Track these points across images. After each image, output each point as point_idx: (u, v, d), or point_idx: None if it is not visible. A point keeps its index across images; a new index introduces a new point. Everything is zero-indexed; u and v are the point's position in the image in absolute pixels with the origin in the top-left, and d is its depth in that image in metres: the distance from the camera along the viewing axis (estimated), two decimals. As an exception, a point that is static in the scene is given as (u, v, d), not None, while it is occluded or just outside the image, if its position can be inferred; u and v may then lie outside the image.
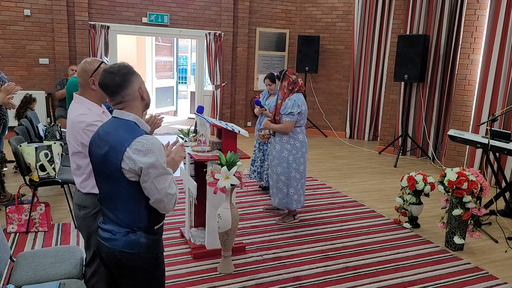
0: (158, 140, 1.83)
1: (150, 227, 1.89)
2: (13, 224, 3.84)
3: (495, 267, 3.61)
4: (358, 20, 8.83)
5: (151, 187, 1.78)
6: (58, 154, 4.10)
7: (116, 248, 1.83)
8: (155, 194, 1.79)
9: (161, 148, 1.81)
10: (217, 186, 3.10)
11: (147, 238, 1.87)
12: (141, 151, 1.76)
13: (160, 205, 1.83)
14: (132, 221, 1.85)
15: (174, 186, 1.85)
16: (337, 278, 3.31)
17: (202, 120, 3.72)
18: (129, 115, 1.86)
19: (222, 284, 3.16)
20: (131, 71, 1.87)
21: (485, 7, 6.03)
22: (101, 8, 7.91)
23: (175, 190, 1.85)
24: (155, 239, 1.92)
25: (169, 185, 1.82)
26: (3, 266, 2.36)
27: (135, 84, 1.87)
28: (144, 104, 1.94)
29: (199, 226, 3.90)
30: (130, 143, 1.76)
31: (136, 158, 1.75)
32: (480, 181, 3.78)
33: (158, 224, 1.93)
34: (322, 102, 9.47)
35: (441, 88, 7.26)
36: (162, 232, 2.01)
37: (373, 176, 6.32)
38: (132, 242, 1.84)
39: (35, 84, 7.63)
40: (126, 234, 1.84)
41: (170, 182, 1.83)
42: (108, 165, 1.81)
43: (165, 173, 1.81)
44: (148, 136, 1.82)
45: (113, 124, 1.87)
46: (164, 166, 1.80)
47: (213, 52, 8.80)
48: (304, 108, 4.18)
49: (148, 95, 1.96)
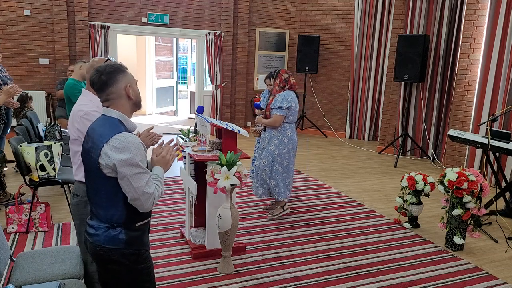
0: (137, 139, 1.86)
1: (130, 223, 1.91)
2: (13, 224, 3.84)
3: (495, 267, 3.61)
4: (358, 20, 8.83)
5: (127, 185, 1.81)
6: (58, 154, 4.10)
7: (98, 243, 1.89)
8: (131, 192, 1.82)
9: (138, 147, 1.84)
10: (217, 186, 3.10)
11: (127, 234, 1.90)
12: (117, 148, 1.79)
13: (137, 203, 1.85)
14: (111, 217, 1.89)
15: (152, 185, 1.87)
16: (337, 278, 3.31)
17: (202, 120, 3.72)
18: (114, 112, 1.90)
19: (222, 284, 3.16)
20: (118, 69, 1.91)
21: (485, 7, 6.03)
22: (101, 8, 7.91)
23: (153, 190, 1.86)
24: (136, 236, 1.94)
25: (146, 184, 1.83)
26: (3, 266, 2.36)
27: (121, 83, 1.90)
28: (132, 103, 1.96)
29: (199, 226, 3.90)
30: (108, 140, 1.81)
31: (111, 155, 1.79)
32: (480, 181, 3.78)
33: (140, 221, 1.95)
34: (322, 102, 9.47)
35: (441, 88, 7.26)
36: (145, 229, 2.02)
37: (373, 176, 6.32)
38: (111, 237, 1.88)
39: (35, 84, 7.63)
40: (107, 230, 1.89)
41: (147, 181, 1.84)
42: (90, 160, 1.88)
43: (141, 171, 1.82)
44: (127, 134, 1.85)
45: (99, 121, 1.93)
46: (141, 165, 1.82)
47: (213, 52, 8.80)
48: (294, 105, 4.29)
49: (137, 95, 1.98)
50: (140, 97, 2.02)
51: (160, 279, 3.17)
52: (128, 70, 1.98)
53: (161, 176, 2.01)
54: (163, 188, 1.99)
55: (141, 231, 1.98)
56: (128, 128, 1.92)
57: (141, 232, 1.98)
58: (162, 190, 1.98)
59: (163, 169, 2.04)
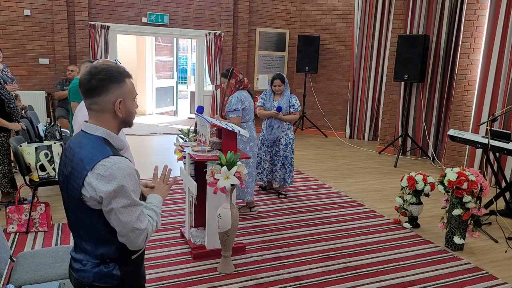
0: (128, 163, 1.55)
1: (125, 257, 1.65)
2: (13, 224, 3.84)
3: (495, 267, 3.61)
4: (358, 20, 8.83)
5: (115, 219, 1.52)
6: (58, 154, 4.10)
7: (86, 280, 1.62)
8: (119, 227, 1.53)
9: (129, 173, 1.53)
10: (217, 186, 3.10)
11: (122, 270, 1.64)
12: (104, 176, 1.48)
13: (125, 241, 1.57)
14: (102, 251, 1.60)
15: (144, 220, 1.57)
16: (337, 278, 3.31)
17: (202, 120, 3.72)
18: (97, 129, 1.58)
19: (222, 284, 3.16)
20: (113, 78, 1.57)
21: (485, 7, 6.03)
22: (101, 8, 7.91)
23: (145, 225, 1.57)
24: (133, 271, 1.69)
25: (137, 219, 1.54)
26: (3, 266, 2.36)
27: (111, 96, 1.57)
28: (120, 122, 1.63)
29: (199, 226, 3.90)
30: (93, 166, 1.49)
31: (97, 186, 1.48)
32: (480, 181, 3.78)
33: (135, 253, 1.68)
34: (322, 102, 9.47)
35: (441, 88, 7.25)
36: (142, 261, 1.77)
37: (373, 176, 6.32)
38: (103, 274, 1.61)
39: (35, 84, 7.63)
40: (97, 266, 1.61)
41: (139, 215, 1.55)
42: (70, 189, 1.56)
43: (132, 204, 1.53)
44: (116, 158, 1.52)
45: (79, 139, 1.60)
46: (132, 196, 1.52)
47: (213, 52, 8.80)
48: (248, 104, 4.38)
49: (129, 113, 1.63)
50: (133, 116, 1.66)
51: (160, 279, 3.17)
52: (128, 80, 1.62)
53: (157, 204, 1.72)
54: (159, 220, 1.68)
55: (138, 265, 1.74)
56: (116, 147, 1.61)
57: (139, 266, 1.75)
58: (158, 223, 1.68)
59: (160, 197, 1.77)
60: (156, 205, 1.72)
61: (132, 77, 1.68)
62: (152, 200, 1.73)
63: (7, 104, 4.27)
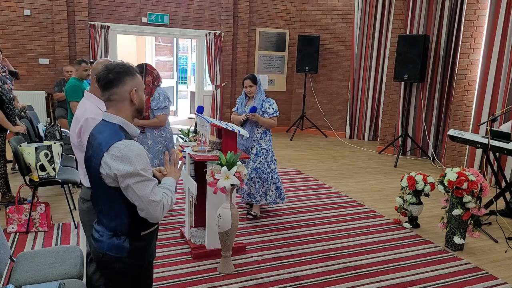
0: (138, 146, 1.78)
1: (135, 232, 1.85)
2: (13, 224, 3.84)
3: (495, 267, 3.61)
4: (358, 20, 8.83)
5: (133, 195, 1.74)
6: (58, 154, 4.10)
7: (101, 250, 1.84)
8: (137, 201, 1.75)
9: (140, 154, 1.75)
10: (217, 186, 3.10)
11: (131, 243, 1.84)
12: (117, 157, 1.71)
13: (145, 214, 1.77)
14: (115, 225, 1.83)
15: (158, 193, 1.79)
16: (337, 278, 3.31)
17: (202, 120, 3.72)
18: (114, 117, 1.82)
19: (222, 284, 3.16)
20: (127, 71, 1.83)
21: (485, 7, 6.03)
22: (101, 8, 7.91)
23: (159, 197, 1.78)
24: (142, 246, 1.89)
25: (152, 192, 1.75)
26: (3, 266, 2.36)
27: (127, 86, 1.82)
28: (135, 109, 1.88)
29: (199, 226, 3.90)
30: (108, 148, 1.73)
31: (112, 164, 1.71)
32: (480, 181, 3.78)
33: (145, 230, 1.89)
34: (322, 102, 9.47)
35: (441, 88, 7.25)
36: (151, 238, 1.96)
37: (373, 176, 6.32)
38: (115, 245, 1.82)
39: (35, 84, 7.63)
40: (111, 237, 1.83)
41: (152, 188, 1.76)
42: (91, 168, 1.83)
43: (145, 179, 1.74)
44: (127, 141, 1.76)
45: (100, 127, 1.86)
46: (142, 173, 1.73)
47: (213, 52, 8.80)
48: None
49: (141, 101, 1.90)
50: (144, 105, 1.94)
51: (160, 279, 3.17)
52: (138, 74, 1.89)
53: (171, 184, 1.92)
54: (173, 196, 1.89)
55: (147, 241, 1.92)
56: (130, 133, 1.85)
57: (147, 242, 1.92)
58: (173, 199, 1.88)
59: (173, 179, 1.96)
60: (170, 185, 1.91)
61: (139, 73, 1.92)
62: (166, 181, 1.92)
63: (7, 105, 4.27)
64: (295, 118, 9.50)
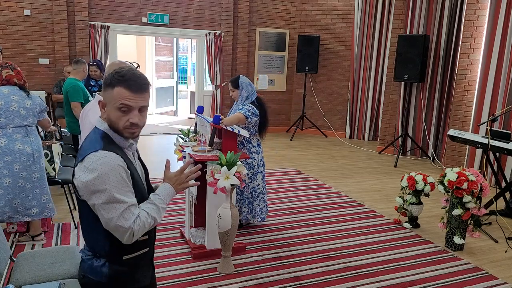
0: (114, 160, 1.54)
1: (115, 256, 1.64)
2: (13, 224, 3.84)
3: (495, 267, 3.61)
4: (358, 20, 8.83)
5: (100, 215, 1.54)
6: (58, 154, 4.10)
7: (81, 270, 1.69)
8: (104, 223, 1.55)
9: (113, 169, 1.52)
10: (217, 186, 3.10)
11: (111, 268, 1.63)
12: (87, 168, 1.51)
13: (115, 235, 1.57)
14: (93, 245, 1.65)
15: (130, 217, 1.53)
16: (337, 278, 3.31)
17: (202, 120, 3.73)
18: (102, 124, 1.63)
19: (222, 284, 3.16)
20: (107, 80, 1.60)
21: (485, 7, 6.03)
22: (101, 8, 7.91)
23: (130, 223, 1.53)
24: (123, 272, 1.66)
25: (121, 216, 1.52)
26: (3, 266, 2.36)
27: (104, 96, 1.62)
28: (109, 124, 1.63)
29: (199, 226, 3.90)
30: (83, 158, 1.54)
31: (81, 177, 1.52)
32: (480, 181, 3.78)
33: (129, 254, 1.66)
34: (322, 102, 9.47)
35: (441, 88, 7.25)
36: (139, 263, 1.72)
37: (373, 176, 6.32)
38: (93, 268, 1.64)
39: (35, 84, 7.62)
40: (91, 259, 1.65)
41: (122, 212, 1.52)
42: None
43: (112, 201, 1.51)
44: (103, 153, 1.53)
45: (90, 132, 1.68)
46: (112, 192, 1.50)
47: (213, 52, 8.80)
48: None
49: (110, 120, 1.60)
50: (115, 124, 1.59)
51: (160, 279, 3.17)
52: (118, 88, 1.55)
53: (163, 197, 1.67)
54: (159, 215, 1.64)
55: (131, 267, 1.69)
56: (118, 143, 1.62)
57: (131, 268, 1.69)
58: (157, 219, 1.63)
59: (173, 189, 1.71)
60: (161, 197, 1.67)
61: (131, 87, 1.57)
62: (160, 192, 1.69)
63: None
64: (295, 118, 9.50)
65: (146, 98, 1.62)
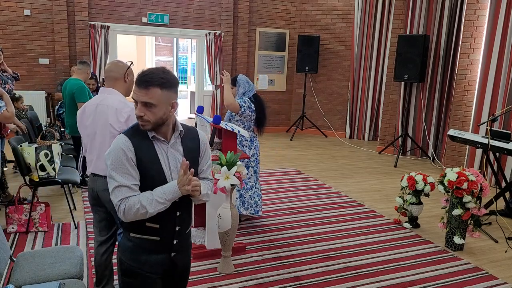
0: (120, 142, 1.73)
1: (126, 229, 1.84)
2: (13, 224, 3.84)
3: (495, 267, 3.61)
4: (358, 20, 8.83)
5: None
6: (58, 154, 4.10)
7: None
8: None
9: (115, 148, 1.72)
10: (217, 186, 3.10)
11: (123, 240, 1.85)
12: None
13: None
14: (117, 215, 1.87)
15: (119, 195, 1.70)
16: (337, 278, 3.31)
17: (202, 120, 3.73)
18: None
19: (222, 284, 3.16)
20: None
21: (485, 7, 6.03)
22: (101, 8, 7.91)
23: (117, 201, 1.70)
24: (129, 247, 1.82)
25: (113, 191, 1.72)
26: (3, 266, 2.36)
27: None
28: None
29: (199, 226, 3.90)
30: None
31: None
32: (480, 181, 3.78)
33: (135, 233, 1.81)
34: (322, 102, 9.47)
35: (441, 88, 7.25)
36: (144, 246, 1.81)
37: (373, 176, 6.32)
38: (118, 234, 1.90)
39: (35, 84, 7.63)
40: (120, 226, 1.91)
41: (114, 189, 1.71)
42: None
43: (109, 176, 1.73)
44: (119, 135, 1.79)
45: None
46: (109, 169, 1.72)
47: (213, 52, 8.80)
48: None
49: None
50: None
51: (160, 279, 3.16)
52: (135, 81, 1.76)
53: (165, 192, 1.71)
54: (151, 208, 1.69)
55: (136, 245, 1.81)
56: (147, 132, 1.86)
57: (136, 247, 1.81)
58: (148, 211, 1.69)
59: (177, 188, 1.72)
60: (163, 192, 1.72)
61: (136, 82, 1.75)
62: (165, 187, 1.74)
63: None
64: (295, 118, 9.50)
65: (149, 94, 1.70)
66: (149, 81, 1.70)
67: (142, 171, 1.74)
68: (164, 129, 1.80)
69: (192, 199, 1.87)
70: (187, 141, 1.88)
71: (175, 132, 1.85)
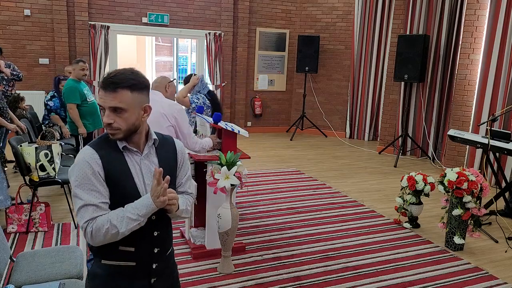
0: (83, 155, 1.52)
1: (96, 255, 1.61)
2: (13, 224, 3.84)
3: (495, 267, 3.61)
4: (358, 20, 8.83)
5: None
6: (58, 154, 4.10)
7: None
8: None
9: (78, 164, 1.51)
10: (217, 186, 3.10)
11: (92, 267, 1.62)
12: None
13: None
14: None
15: (85, 216, 1.47)
16: (337, 278, 3.31)
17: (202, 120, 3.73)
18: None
19: (222, 284, 3.16)
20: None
21: (485, 7, 6.03)
22: (101, 8, 7.91)
23: (82, 223, 1.48)
24: (98, 275, 1.59)
25: (78, 212, 1.49)
26: (3, 266, 2.36)
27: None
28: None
29: (199, 226, 3.90)
30: None
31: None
32: (480, 181, 3.78)
33: (106, 259, 1.58)
34: (322, 102, 9.47)
35: (441, 88, 7.25)
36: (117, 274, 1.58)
37: (373, 176, 6.31)
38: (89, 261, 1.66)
39: (35, 84, 7.63)
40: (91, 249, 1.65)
41: (79, 209, 1.49)
42: None
43: (73, 194, 1.51)
44: (84, 147, 1.58)
45: None
46: (73, 187, 1.50)
47: (213, 52, 8.80)
48: None
49: None
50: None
51: (160, 279, 3.16)
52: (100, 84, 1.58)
53: (137, 208, 1.49)
54: (122, 227, 1.47)
55: (109, 273, 1.57)
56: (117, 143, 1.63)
57: (109, 275, 1.57)
58: (120, 231, 1.47)
59: (151, 201, 1.49)
60: (135, 208, 1.50)
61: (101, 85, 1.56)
62: (137, 202, 1.52)
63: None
64: (295, 118, 9.50)
65: (117, 97, 1.50)
66: (117, 83, 1.49)
67: (112, 187, 1.52)
68: (136, 138, 1.58)
69: (170, 216, 1.64)
70: (163, 152, 1.66)
71: (149, 142, 1.62)
